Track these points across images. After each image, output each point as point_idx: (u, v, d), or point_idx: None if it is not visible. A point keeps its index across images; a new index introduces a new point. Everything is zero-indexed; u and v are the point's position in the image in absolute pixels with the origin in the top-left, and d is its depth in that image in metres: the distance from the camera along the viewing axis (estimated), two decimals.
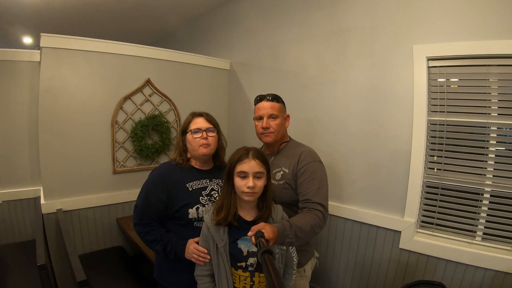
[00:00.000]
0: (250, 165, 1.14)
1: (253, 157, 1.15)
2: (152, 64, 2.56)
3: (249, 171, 1.13)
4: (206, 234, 1.20)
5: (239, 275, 1.15)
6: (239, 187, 1.15)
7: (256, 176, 1.14)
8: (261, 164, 1.15)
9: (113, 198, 2.46)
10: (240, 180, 1.15)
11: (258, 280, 1.15)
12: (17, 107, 2.48)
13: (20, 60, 2.46)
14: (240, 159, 1.15)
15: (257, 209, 1.21)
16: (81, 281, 1.31)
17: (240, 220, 1.19)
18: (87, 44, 2.22)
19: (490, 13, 1.58)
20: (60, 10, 3.30)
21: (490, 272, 1.61)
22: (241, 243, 1.16)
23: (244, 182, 1.13)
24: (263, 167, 1.16)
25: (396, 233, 1.94)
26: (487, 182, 1.67)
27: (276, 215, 1.23)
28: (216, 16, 3.42)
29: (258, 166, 1.15)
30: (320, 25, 2.32)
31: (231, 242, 1.16)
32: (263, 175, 1.17)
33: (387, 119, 1.98)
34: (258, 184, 1.14)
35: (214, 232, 1.17)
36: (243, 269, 1.15)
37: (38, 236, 1.80)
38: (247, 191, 1.13)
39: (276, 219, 1.21)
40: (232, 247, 1.16)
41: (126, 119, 2.46)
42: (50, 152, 2.14)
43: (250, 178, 1.13)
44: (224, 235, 1.16)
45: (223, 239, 1.15)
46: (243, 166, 1.14)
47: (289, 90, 2.46)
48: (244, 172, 1.14)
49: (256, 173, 1.14)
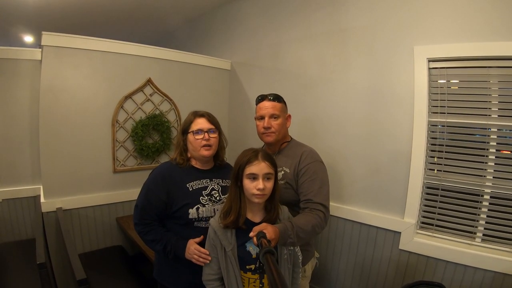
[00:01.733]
0: (260, 167, 1.13)
1: (263, 159, 1.15)
2: (153, 64, 2.56)
3: (259, 173, 1.13)
4: (214, 238, 1.19)
5: (248, 277, 1.15)
6: (249, 189, 1.14)
7: (266, 178, 1.14)
8: (270, 165, 1.15)
9: (113, 197, 2.46)
10: (249, 182, 1.14)
11: (267, 282, 1.14)
12: (18, 105, 2.49)
13: (22, 59, 2.47)
14: (249, 161, 1.14)
15: (264, 210, 1.21)
16: (80, 280, 1.30)
17: (248, 223, 1.18)
18: (89, 43, 2.22)
19: (491, 14, 1.58)
20: (61, 10, 3.30)
21: (490, 273, 1.61)
22: (249, 246, 1.16)
23: (254, 184, 1.13)
24: (272, 169, 1.16)
25: (396, 234, 1.94)
26: (487, 184, 1.67)
27: (283, 216, 1.23)
28: (216, 16, 3.42)
29: (268, 167, 1.14)
30: (321, 25, 2.32)
31: (239, 245, 1.15)
32: (272, 176, 1.17)
33: (388, 120, 1.97)
34: (268, 185, 1.14)
35: (221, 236, 1.16)
36: (252, 272, 1.15)
37: (38, 234, 1.80)
38: (257, 193, 1.12)
39: (282, 220, 1.21)
40: (240, 250, 1.15)
41: (127, 119, 2.46)
42: (50, 151, 2.14)
43: (260, 180, 1.12)
44: (232, 239, 1.15)
45: (231, 243, 1.15)
46: (253, 168, 1.13)
47: (289, 90, 2.45)
48: (254, 174, 1.13)
49: (265, 175, 1.14)
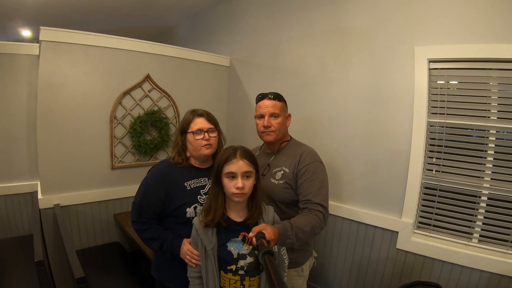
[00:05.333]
0: (238, 165, 1.11)
1: (241, 157, 1.12)
2: (152, 60, 2.54)
3: (238, 171, 1.11)
4: (195, 236, 1.18)
5: (229, 278, 1.12)
6: (228, 188, 1.12)
7: (245, 176, 1.12)
8: (249, 163, 1.13)
9: (111, 194, 2.45)
10: (228, 181, 1.12)
11: (248, 284, 1.12)
12: (15, 100, 2.46)
13: (19, 53, 2.43)
14: (227, 159, 1.12)
15: (247, 209, 1.19)
16: (78, 278, 1.30)
17: (229, 222, 1.16)
18: (87, 38, 2.20)
19: (492, 16, 1.57)
20: (60, 4, 3.27)
21: (486, 274, 1.62)
22: (230, 246, 1.13)
23: (233, 183, 1.11)
24: (252, 167, 1.14)
25: (394, 234, 1.95)
26: (485, 185, 1.68)
27: (267, 216, 1.20)
28: (216, 12, 3.39)
29: (247, 165, 1.12)
30: (321, 23, 2.31)
31: (220, 245, 1.13)
32: (252, 175, 1.14)
33: (387, 120, 1.97)
34: (247, 184, 1.12)
35: (202, 234, 1.14)
36: (233, 273, 1.12)
37: (35, 231, 1.79)
38: (236, 192, 1.10)
39: (267, 220, 1.18)
40: (221, 250, 1.13)
41: (125, 115, 2.45)
42: (48, 147, 2.12)
43: (239, 179, 1.10)
44: (213, 238, 1.13)
45: (212, 242, 1.12)
46: (231, 166, 1.11)
47: (289, 88, 2.44)
48: (232, 173, 1.11)
49: (244, 173, 1.12)
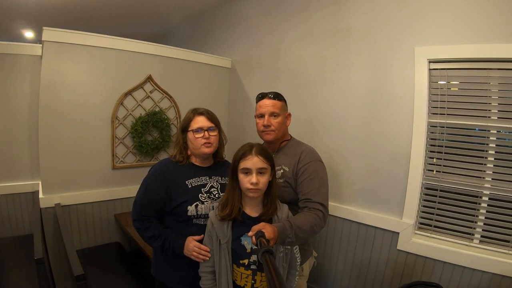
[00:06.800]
0: (253, 161, 1.14)
1: (256, 153, 1.15)
2: (154, 61, 2.56)
3: (252, 167, 1.14)
4: (211, 229, 1.21)
5: (241, 272, 1.15)
6: (243, 183, 1.15)
7: (259, 172, 1.15)
8: (264, 160, 1.16)
9: (112, 194, 2.46)
10: (244, 176, 1.16)
11: (260, 279, 1.15)
12: (17, 100, 2.48)
13: (22, 54, 2.46)
14: (243, 155, 1.16)
15: (262, 205, 1.22)
16: (78, 276, 1.30)
17: (245, 216, 1.19)
18: (90, 39, 2.22)
19: (493, 16, 1.57)
20: (62, 5, 3.29)
21: (487, 274, 1.61)
22: (244, 240, 1.16)
23: (248, 179, 1.14)
24: (267, 163, 1.17)
25: (394, 234, 1.95)
26: (486, 185, 1.67)
27: (282, 213, 1.23)
28: (217, 14, 3.42)
29: (261, 162, 1.15)
30: (321, 24, 2.32)
31: (234, 238, 1.16)
32: (267, 171, 1.17)
33: (387, 120, 1.97)
34: (261, 180, 1.15)
35: (218, 227, 1.17)
36: (245, 267, 1.15)
37: (36, 230, 1.80)
38: (250, 188, 1.13)
39: (281, 217, 1.21)
40: (235, 243, 1.16)
41: (127, 115, 2.46)
42: (49, 147, 2.13)
43: (253, 175, 1.14)
44: (228, 231, 1.16)
45: (226, 235, 1.16)
46: (246, 162, 1.15)
47: (290, 89, 2.44)
48: (247, 169, 1.15)
49: (259, 169, 1.15)
